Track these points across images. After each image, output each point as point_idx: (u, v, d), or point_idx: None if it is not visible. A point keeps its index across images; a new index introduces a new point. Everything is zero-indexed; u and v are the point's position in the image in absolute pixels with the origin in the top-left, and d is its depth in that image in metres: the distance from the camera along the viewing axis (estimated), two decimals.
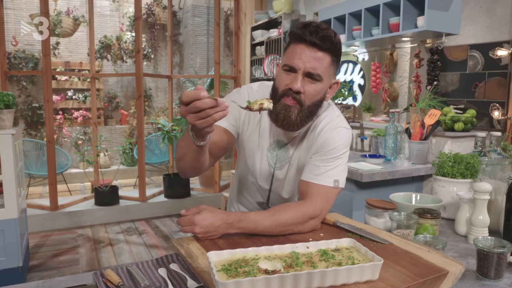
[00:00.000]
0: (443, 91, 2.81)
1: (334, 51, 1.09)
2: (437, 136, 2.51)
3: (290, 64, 1.08)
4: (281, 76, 1.12)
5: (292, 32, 1.11)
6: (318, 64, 1.07)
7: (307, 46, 1.07)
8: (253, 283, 0.74)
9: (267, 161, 1.26)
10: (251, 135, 1.24)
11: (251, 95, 1.22)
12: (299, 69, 1.08)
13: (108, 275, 0.96)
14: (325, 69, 1.09)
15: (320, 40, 1.06)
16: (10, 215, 2.59)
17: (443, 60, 2.79)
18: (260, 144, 1.25)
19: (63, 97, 6.63)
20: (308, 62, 1.07)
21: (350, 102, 3.84)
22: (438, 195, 1.47)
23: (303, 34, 1.07)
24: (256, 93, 1.23)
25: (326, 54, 1.08)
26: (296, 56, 1.08)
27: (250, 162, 1.28)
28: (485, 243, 0.98)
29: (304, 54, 1.07)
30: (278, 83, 1.13)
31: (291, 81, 1.09)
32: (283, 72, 1.11)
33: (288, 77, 1.10)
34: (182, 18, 7.36)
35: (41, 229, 3.93)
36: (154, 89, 7.44)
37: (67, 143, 6.58)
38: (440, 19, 2.48)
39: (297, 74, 1.08)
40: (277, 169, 1.27)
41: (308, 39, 1.06)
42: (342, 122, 1.20)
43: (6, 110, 2.60)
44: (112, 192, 4.38)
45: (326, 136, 1.16)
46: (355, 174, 2.24)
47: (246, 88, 1.25)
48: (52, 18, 6.03)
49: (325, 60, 1.08)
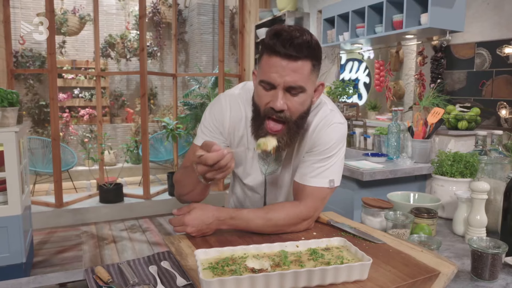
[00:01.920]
0: (450, 89, 2.77)
1: (313, 55, 0.99)
2: (440, 135, 2.48)
3: (267, 80, 0.98)
4: (260, 92, 1.02)
5: (263, 42, 1.00)
6: (298, 75, 0.97)
7: (282, 59, 0.96)
8: (238, 282, 0.73)
9: (259, 168, 1.22)
10: (239, 143, 1.20)
11: (232, 102, 1.16)
12: (278, 85, 0.98)
13: (98, 272, 0.96)
14: (306, 77, 0.99)
15: (296, 50, 0.95)
16: (13, 212, 2.61)
17: (450, 58, 2.75)
18: (251, 152, 1.20)
19: (70, 95, 6.68)
20: (287, 76, 0.96)
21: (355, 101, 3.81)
22: (437, 194, 1.45)
23: (275, 46, 0.95)
24: (239, 97, 1.17)
25: (305, 61, 0.97)
26: (272, 70, 0.97)
27: (241, 170, 1.25)
28: (479, 244, 0.97)
29: (281, 67, 0.96)
30: (257, 100, 1.04)
31: (272, 98, 0.99)
32: (261, 88, 1.02)
33: (268, 94, 1.00)
34: (187, 16, 7.36)
35: (46, 226, 3.96)
36: (160, 87, 7.46)
37: (74, 141, 6.64)
38: (444, 16, 2.45)
39: (277, 91, 0.98)
40: (269, 174, 1.22)
41: (282, 51, 0.95)
42: (335, 117, 1.13)
43: (10, 108, 2.63)
44: (116, 189, 4.40)
45: (320, 134, 1.11)
46: (356, 173, 2.22)
47: (227, 97, 1.18)
48: (58, 17, 6.08)
49: (305, 68, 0.98)
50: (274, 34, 0.96)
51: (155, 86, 7.40)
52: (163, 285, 0.90)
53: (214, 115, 1.16)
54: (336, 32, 3.31)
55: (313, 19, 3.91)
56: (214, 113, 1.17)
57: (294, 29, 0.97)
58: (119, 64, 6.98)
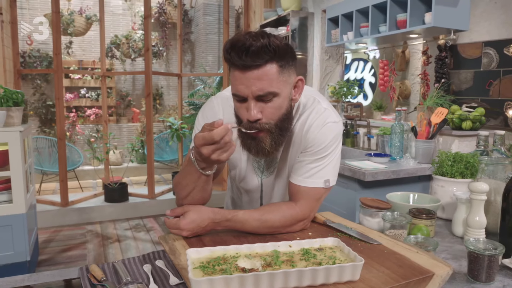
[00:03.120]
0: (457, 89, 2.74)
1: (277, 56, 0.94)
2: (444, 135, 2.46)
3: (236, 93, 0.98)
4: (236, 105, 1.02)
5: (224, 56, 0.97)
6: (264, 82, 0.94)
7: (242, 71, 0.94)
8: (227, 281, 0.73)
9: (254, 171, 1.21)
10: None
11: (224, 104, 1.16)
12: (247, 96, 0.96)
13: (92, 270, 0.96)
14: (275, 81, 0.95)
15: (254, 58, 0.91)
16: (18, 211, 2.64)
17: (457, 57, 2.72)
18: (245, 155, 1.19)
19: (77, 95, 6.73)
20: (253, 85, 0.94)
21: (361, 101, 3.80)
22: (437, 195, 1.44)
23: (233, 59, 0.93)
24: (230, 99, 1.14)
25: (269, 65, 0.94)
26: (238, 83, 0.96)
27: (237, 172, 1.24)
28: (476, 245, 0.95)
29: (244, 78, 0.94)
30: (237, 112, 1.04)
31: (246, 110, 0.98)
32: (235, 101, 1.01)
33: (243, 106, 0.99)
34: (194, 16, 7.39)
35: (51, 224, 4.00)
36: (165, 88, 7.50)
37: (80, 141, 6.69)
38: (448, 15, 2.42)
39: (248, 102, 0.97)
40: (265, 177, 1.21)
41: (240, 63, 0.92)
42: (330, 116, 1.10)
43: (15, 108, 2.65)
44: (121, 189, 4.43)
45: (314, 134, 1.09)
46: (358, 173, 2.21)
47: (218, 99, 1.18)
48: (65, 17, 6.13)
49: (270, 72, 0.94)
50: (230, 47, 0.93)
51: (161, 86, 7.44)
52: (155, 284, 0.91)
53: (207, 118, 1.16)
54: (340, 31, 3.30)
55: (318, 19, 3.90)
56: (207, 115, 1.17)
57: (249, 36, 0.92)
58: (124, 64, 7.03)
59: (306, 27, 3.96)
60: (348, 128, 3.32)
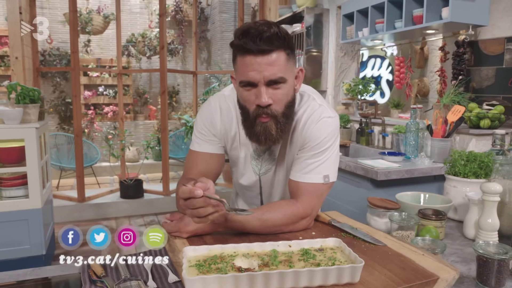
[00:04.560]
0: (477, 86, 2.65)
1: (286, 45, 0.99)
2: (461, 134, 2.38)
3: (247, 80, 0.99)
4: (243, 94, 1.03)
5: (233, 43, 1.00)
6: (276, 67, 0.97)
7: (255, 55, 0.96)
8: (221, 281, 0.72)
9: (252, 168, 1.21)
10: (232, 145, 1.19)
11: (222, 104, 1.17)
12: (258, 82, 0.98)
13: (93, 266, 0.97)
14: (284, 68, 0.99)
15: (267, 43, 0.95)
16: (34, 205, 2.69)
17: (478, 54, 2.63)
18: (243, 153, 1.19)
19: (95, 93, 6.84)
20: (265, 71, 0.97)
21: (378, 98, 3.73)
22: (450, 195, 1.39)
23: (246, 45, 0.95)
24: (228, 98, 1.17)
25: (279, 52, 0.98)
26: (249, 69, 0.97)
27: (236, 169, 1.25)
28: (486, 249, 0.91)
29: (257, 64, 0.96)
30: (243, 102, 1.05)
31: (256, 96, 1.00)
32: (243, 89, 1.02)
33: (251, 93, 1.01)
34: (210, 14, 7.40)
35: (68, 219, 4.07)
36: (182, 85, 7.54)
37: (98, 137, 6.80)
38: (466, 10, 2.34)
39: (259, 88, 0.99)
40: (262, 174, 1.21)
41: (254, 48, 0.95)
42: (325, 111, 1.10)
43: (31, 105, 2.71)
44: (136, 185, 4.48)
45: (310, 129, 1.09)
46: (370, 172, 2.17)
47: (216, 99, 1.19)
48: (83, 16, 6.23)
49: (280, 59, 0.98)
50: (242, 33, 0.96)
51: (178, 83, 7.48)
52: (154, 281, 0.90)
53: (205, 118, 1.17)
54: (355, 28, 3.24)
55: (333, 15, 3.84)
56: (205, 116, 1.17)
57: (260, 24, 0.97)
58: (140, 62, 7.09)
59: (321, 23, 3.90)
60: (362, 126, 3.26)
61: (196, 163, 1.18)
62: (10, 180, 2.66)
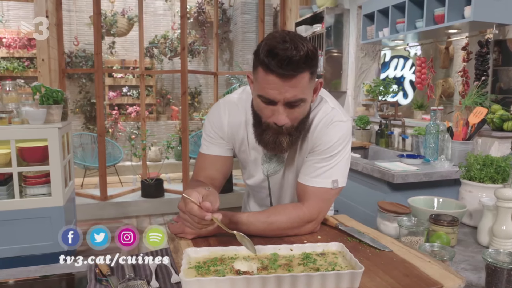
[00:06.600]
0: (505, 87, 2.55)
1: (311, 65, 0.95)
2: (483, 136, 2.31)
3: (266, 96, 0.96)
4: (260, 105, 1.00)
5: (259, 57, 0.94)
6: (298, 89, 0.94)
7: (279, 78, 0.92)
8: (217, 283, 0.72)
9: (262, 170, 1.20)
10: (241, 148, 1.20)
11: (231, 107, 1.17)
12: (278, 101, 0.96)
13: (99, 265, 0.99)
14: (305, 88, 0.96)
15: (294, 69, 0.91)
16: (56, 203, 2.78)
17: (505, 53, 2.53)
18: (253, 156, 1.19)
19: (119, 94, 7.00)
20: (286, 92, 0.94)
21: (401, 99, 3.65)
22: (465, 200, 1.35)
23: (271, 66, 0.91)
24: (238, 102, 1.16)
25: (304, 73, 0.93)
26: (270, 87, 0.94)
27: (246, 171, 1.26)
28: (495, 257, 0.88)
29: (279, 85, 0.93)
30: (258, 111, 1.02)
31: (273, 113, 0.98)
32: (260, 101, 0.99)
33: (268, 109, 0.99)
34: (232, 15, 7.44)
35: (90, 217, 4.18)
36: (204, 86, 7.61)
37: (122, 137, 6.95)
38: (490, 8, 2.26)
39: (277, 107, 0.97)
40: (271, 175, 1.20)
41: (280, 71, 0.91)
42: (337, 115, 1.08)
43: (54, 106, 2.79)
44: (157, 185, 4.55)
45: (321, 133, 1.07)
46: (387, 175, 2.12)
47: (226, 102, 1.18)
48: (108, 18, 6.39)
49: (303, 80, 0.94)
50: (269, 53, 0.91)
51: (200, 84, 7.56)
52: (157, 281, 0.91)
53: (212, 122, 1.18)
54: (375, 28, 3.19)
55: (353, 15, 3.79)
56: (213, 119, 1.18)
57: (289, 46, 0.90)
58: (162, 63, 7.20)
59: (342, 24, 3.86)
60: (382, 127, 3.21)
61: (204, 165, 1.20)
62: (34, 179, 2.75)
